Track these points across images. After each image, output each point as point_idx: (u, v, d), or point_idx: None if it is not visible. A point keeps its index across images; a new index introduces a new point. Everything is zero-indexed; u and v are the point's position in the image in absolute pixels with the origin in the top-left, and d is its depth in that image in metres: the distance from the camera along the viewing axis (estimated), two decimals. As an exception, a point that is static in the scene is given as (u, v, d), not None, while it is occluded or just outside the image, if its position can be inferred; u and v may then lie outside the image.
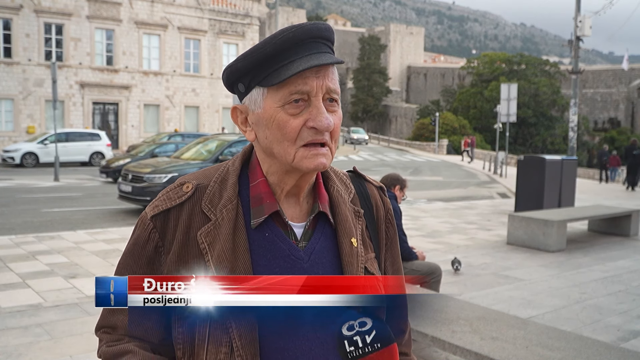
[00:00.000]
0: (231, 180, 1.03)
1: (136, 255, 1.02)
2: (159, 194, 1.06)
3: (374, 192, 1.18)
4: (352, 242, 1.05)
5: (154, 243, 1.01)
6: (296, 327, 0.97)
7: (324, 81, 0.96)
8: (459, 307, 3.75)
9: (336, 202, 1.07)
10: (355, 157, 34.46)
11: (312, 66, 0.93)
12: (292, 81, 0.95)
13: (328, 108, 0.97)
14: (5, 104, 28.14)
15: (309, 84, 0.95)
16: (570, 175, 11.24)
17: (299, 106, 0.96)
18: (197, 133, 24.75)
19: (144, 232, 1.02)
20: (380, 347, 0.94)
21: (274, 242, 0.99)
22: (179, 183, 1.05)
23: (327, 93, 0.97)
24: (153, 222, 1.01)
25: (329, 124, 0.96)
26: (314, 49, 0.97)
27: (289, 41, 0.95)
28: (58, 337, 4.15)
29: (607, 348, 3.04)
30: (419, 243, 8.08)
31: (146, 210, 1.05)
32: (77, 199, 12.69)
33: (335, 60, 0.97)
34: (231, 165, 1.06)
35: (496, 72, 54.00)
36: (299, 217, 1.05)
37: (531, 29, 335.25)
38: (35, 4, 28.42)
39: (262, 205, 1.01)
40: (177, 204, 1.01)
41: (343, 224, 1.05)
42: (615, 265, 7.18)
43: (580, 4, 16.90)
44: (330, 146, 0.99)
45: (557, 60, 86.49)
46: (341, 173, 1.16)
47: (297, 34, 0.96)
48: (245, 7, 36.11)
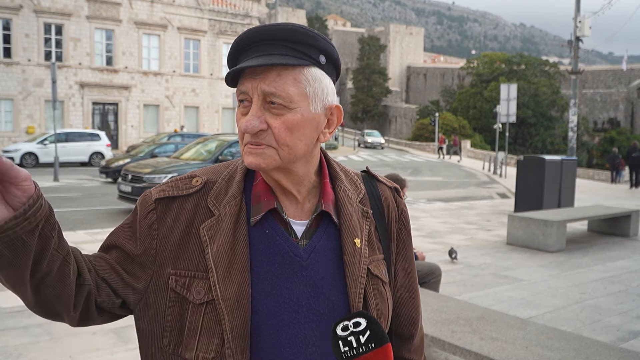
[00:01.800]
0: (237, 177, 1.04)
1: (134, 228, 1.03)
2: (167, 179, 1.07)
3: (386, 193, 1.16)
4: (355, 242, 1.04)
5: (149, 222, 1.01)
6: (290, 324, 0.97)
7: (260, 83, 0.94)
8: (459, 307, 3.75)
9: (342, 201, 1.06)
10: (354, 157, 34.47)
11: (241, 68, 0.93)
12: (240, 82, 0.97)
13: (271, 111, 0.95)
14: (5, 104, 28.14)
15: (245, 85, 0.96)
16: (569, 176, 11.25)
17: (245, 107, 0.97)
18: (196, 133, 24.78)
19: (143, 210, 1.03)
20: (374, 347, 0.94)
21: (273, 239, 1.00)
22: (189, 175, 1.06)
23: (263, 95, 0.95)
24: (155, 203, 1.02)
25: (247, 127, 0.94)
26: (264, 51, 0.96)
27: (240, 43, 0.98)
28: (58, 337, 4.15)
29: (606, 348, 3.04)
30: (419, 243, 8.08)
31: (151, 190, 1.05)
32: (77, 199, 12.69)
33: (270, 62, 0.92)
34: (240, 163, 1.07)
35: (496, 72, 54.02)
36: (301, 215, 1.04)
37: (531, 29, 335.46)
38: (35, 4, 28.42)
39: (260, 202, 1.01)
40: (183, 195, 1.03)
41: (347, 223, 1.05)
42: (615, 266, 7.18)
43: (579, 4, 16.91)
44: (274, 146, 0.96)
45: (557, 60, 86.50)
46: (352, 173, 1.15)
47: (248, 34, 0.97)
48: (245, 7, 36.13)
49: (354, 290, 1.01)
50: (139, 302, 1.01)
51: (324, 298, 1.00)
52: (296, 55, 0.96)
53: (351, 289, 1.01)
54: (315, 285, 1.00)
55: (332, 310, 0.99)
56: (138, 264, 1.01)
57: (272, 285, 0.97)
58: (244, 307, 0.95)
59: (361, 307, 1.02)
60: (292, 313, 0.97)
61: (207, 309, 0.95)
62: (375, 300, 1.05)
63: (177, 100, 33.22)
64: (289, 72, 0.95)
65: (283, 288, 0.98)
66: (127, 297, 1.01)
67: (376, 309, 1.05)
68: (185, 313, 0.97)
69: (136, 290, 1.01)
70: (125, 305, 1.02)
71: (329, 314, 0.99)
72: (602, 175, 28.85)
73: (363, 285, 1.03)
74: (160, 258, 1.00)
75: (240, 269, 0.96)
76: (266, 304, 0.96)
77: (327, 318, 0.99)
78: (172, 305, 0.98)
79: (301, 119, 0.96)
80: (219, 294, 0.94)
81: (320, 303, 0.99)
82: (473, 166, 30.62)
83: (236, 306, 0.94)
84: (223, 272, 0.96)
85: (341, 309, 1.00)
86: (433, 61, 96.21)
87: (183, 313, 0.97)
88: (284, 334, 0.96)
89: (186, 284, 0.97)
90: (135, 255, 1.01)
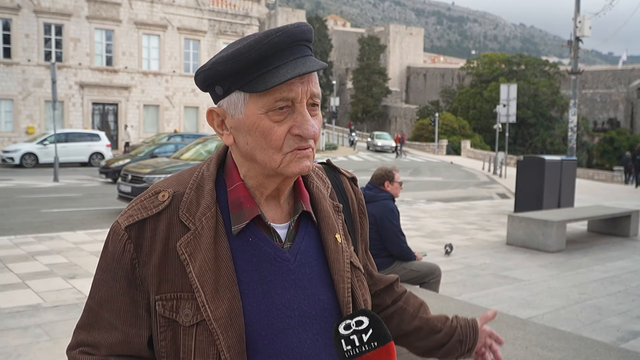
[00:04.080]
0: (208, 186, 0.99)
1: (113, 270, 0.97)
2: (131, 202, 1.00)
3: (347, 184, 1.18)
4: (336, 238, 1.04)
5: (129, 255, 0.95)
6: (284, 330, 0.95)
7: (309, 87, 0.94)
8: (459, 308, 3.75)
9: (317, 199, 1.06)
10: (354, 157, 34.46)
11: (301, 74, 0.90)
12: (277, 88, 0.91)
13: (311, 112, 0.95)
14: (5, 104, 28.12)
15: (295, 90, 0.92)
16: (569, 176, 11.24)
17: (283, 113, 0.93)
18: (196, 134, 24.76)
19: (118, 244, 0.96)
20: (377, 346, 0.94)
21: (258, 247, 0.97)
22: (153, 191, 0.99)
23: (310, 98, 0.95)
24: (128, 232, 0.96)
25: (315, 132, 0.94)
26: (298, 53, 0.94)
27: (274, 47, 0.91)
28: (57, 337, 4.15)
29: (606, 348, 3.04)
30: (419, 243, 8.08)
31: (118, 220, 0.98)
32: (77, 200, 12.69)
33: (320, 65, 0.94)
34: (206, 169, 1.02)
35: (496, 72, 54.01)
36: (281, 218, 1.03)
37: (530, 30, 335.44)
38: (35, 4, 28.41)
39: (242, 210, 0.97)
40: (154, 214, 0.96)
41: (326, 220, 1.04)
42: (615, 266, 7.18)
43: (579, 4, 16.91)
44: (313, 148, 0.98)
45: (557, 60, 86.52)
46: (316, 167, 1.14)
47: (283, 38, 0.92)
48: (244, 7, 36.11)
49: (341, 285, 1.01)
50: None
51: (314, 299, 0.99)
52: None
53: (339, 284, 1.01)
54: (305, 287, 0.98)
55: (322, 310, 0.99)
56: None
57: (262, 294, 0.95)
58: (237, 324, 0.92)
59: (350, 301, 1.01)
60: (285, 319, 0.95)
61: (198, 330, 0.92)
62: (361, 292, 1.06)
63: (177, 100, 33.20)
64: (315, 73, 0.98)
65: (274, 295, 0.95)
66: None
67: (363, 299, 1.06)
68: (177, 336, 0.94)
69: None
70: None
71: (320, 314, 0.98)
72: (602, 175, 28.89)
73: (349, 280, 1.03)
74: (145, 285, 0.96)
75: (227, 284, 0.93)
76: (258, 314, 0.94)
77: (319, 319, 0.98)
78: (163, 331, 0.95)
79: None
80: (210, 314, 0.91)
81: (310, 305, 0.98)
82: (473, 166, 30.61)
83: (229, 324, 0.91)
84: (211, 291, 0.92)
85: (331, 307, 1.00)
86: (433, 61, 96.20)
87: (176, 337, 0.94)
88: (279, 341, 0.95)
89: (174, 306, 0.93)
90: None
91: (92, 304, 1.00)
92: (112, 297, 0.97)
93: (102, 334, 0.98)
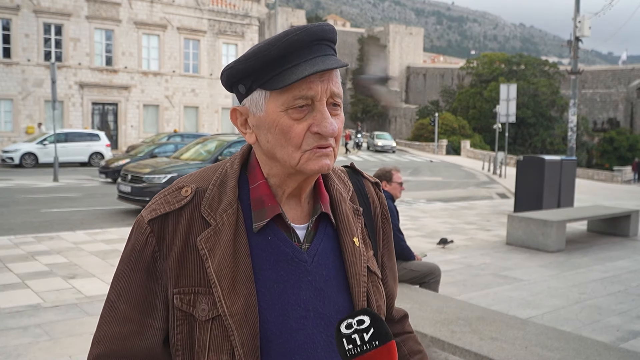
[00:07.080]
0: (230, 183, 1.00)
1: (133, 262, 0.99)
2: (155, 196, 1.02)
3: (371, 189, 1.17)
4: (354, 241, 1.04)
5: (151, 248, 0.97)
6: (299, 330, 0.96)
7: (329, 85, 0.94)
8: (459, 308, 3.75)
9: (337, 201, 1.06)
10: (354, 157, 34.47)
11: (319, 71, 0.91)
12: (297, 85, 0.92)
13: (331, 112, 0.96)
14: (5, 104, 28.12)
15: (314, 88, 0.93)
16: (569, 176, 11.24)
17: (302, 111, 0.94)
18: (196, 133, 24.76)
19: (141, 237, 0.98)
20: (378, 345, 0.94)
21: (277, 246, 0.98)
22: (177, 186, 1.01)
23: (330, 97, 0.95)
24: (150, 226, 0.97)
25: (333, 130, 0.94)
26: (318, 52, 0.95)
27: (294, 44, 0.92)
28: (57, 337, 4.15)
29: (606, 348, 3.04)
30: (418, 243, 8.08)
31: (142, 213, 1.00)
32: (77, 200, 12.69)
33: (340, 63, 0.94)
34: (229, 167, 1.03)
35: (495, 72, 54.04)
36: (301, 218, 1.03)
37: (530, 30, 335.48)
38: (35, 4, 28.41)
39: (264, 208, 0.98)
40: (176, 209, 0.98)
41: (345, 223, 1.05)
42: (615, 266, 7.18)
43: (579, 4, 16.90)
44: (334, 148, 0.98)
45: (557, 60, 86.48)
46: (338, 170, 1.15)
47: (303, 36, 0.93)
48: (244, 7, 36.11)
49: (357, 289, 1.02)
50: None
51: (330, 301, 0.99)
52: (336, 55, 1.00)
53: (354, 288, 1.01)
54: (321, 289, 0.99)
55: (337, 312, 0.99)
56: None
57: (279, 293, 0.96)
58: (252, 321, 0.93)
59: (365, 306, 1.02)
60: (300, 319, 0.96)
61: (214, 324, 0.93)
62: (375, 297, 1.06)
63: (176, 100, 33.20)
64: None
65: (290, 295, 0.96)
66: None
67: (376, 305, 1.06)
68: (194, 330, 0.95)
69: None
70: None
71: (335, 316, 0.99)
72: (602, 175, 28.90)
73: (365, 284, 1.03)
74: (164, 278, 0.98)
75: (244, 281, 0.94)
76: (274, 313, 0.95)
77: (334, 321, 0.98)
78: (180, 324, 0.96)
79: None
80: (226, 309, 0.92)
81: (326, 306, 0.99)
82: (473, 166, 30.62)
83: (245, 320, 0.92)
84: (227, 286, 0.93)
85: (346, 310, 1.00)
86: (433, 61, 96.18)
87: (192, 330, 0.95)
88: (293, 341, 0.95)
89: (191, 300, 0.95)
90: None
91: (112, 294, 1.01)
92: (130, 288, 0.98)
93: (116, 328, 0.98)
